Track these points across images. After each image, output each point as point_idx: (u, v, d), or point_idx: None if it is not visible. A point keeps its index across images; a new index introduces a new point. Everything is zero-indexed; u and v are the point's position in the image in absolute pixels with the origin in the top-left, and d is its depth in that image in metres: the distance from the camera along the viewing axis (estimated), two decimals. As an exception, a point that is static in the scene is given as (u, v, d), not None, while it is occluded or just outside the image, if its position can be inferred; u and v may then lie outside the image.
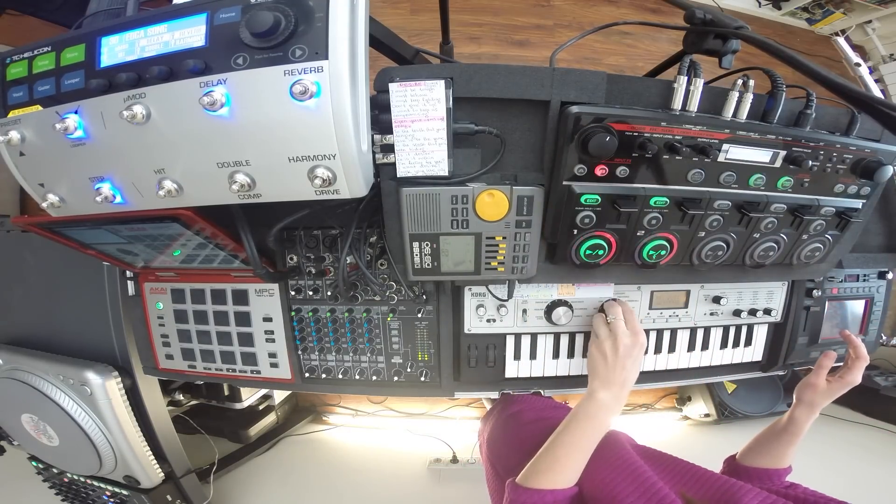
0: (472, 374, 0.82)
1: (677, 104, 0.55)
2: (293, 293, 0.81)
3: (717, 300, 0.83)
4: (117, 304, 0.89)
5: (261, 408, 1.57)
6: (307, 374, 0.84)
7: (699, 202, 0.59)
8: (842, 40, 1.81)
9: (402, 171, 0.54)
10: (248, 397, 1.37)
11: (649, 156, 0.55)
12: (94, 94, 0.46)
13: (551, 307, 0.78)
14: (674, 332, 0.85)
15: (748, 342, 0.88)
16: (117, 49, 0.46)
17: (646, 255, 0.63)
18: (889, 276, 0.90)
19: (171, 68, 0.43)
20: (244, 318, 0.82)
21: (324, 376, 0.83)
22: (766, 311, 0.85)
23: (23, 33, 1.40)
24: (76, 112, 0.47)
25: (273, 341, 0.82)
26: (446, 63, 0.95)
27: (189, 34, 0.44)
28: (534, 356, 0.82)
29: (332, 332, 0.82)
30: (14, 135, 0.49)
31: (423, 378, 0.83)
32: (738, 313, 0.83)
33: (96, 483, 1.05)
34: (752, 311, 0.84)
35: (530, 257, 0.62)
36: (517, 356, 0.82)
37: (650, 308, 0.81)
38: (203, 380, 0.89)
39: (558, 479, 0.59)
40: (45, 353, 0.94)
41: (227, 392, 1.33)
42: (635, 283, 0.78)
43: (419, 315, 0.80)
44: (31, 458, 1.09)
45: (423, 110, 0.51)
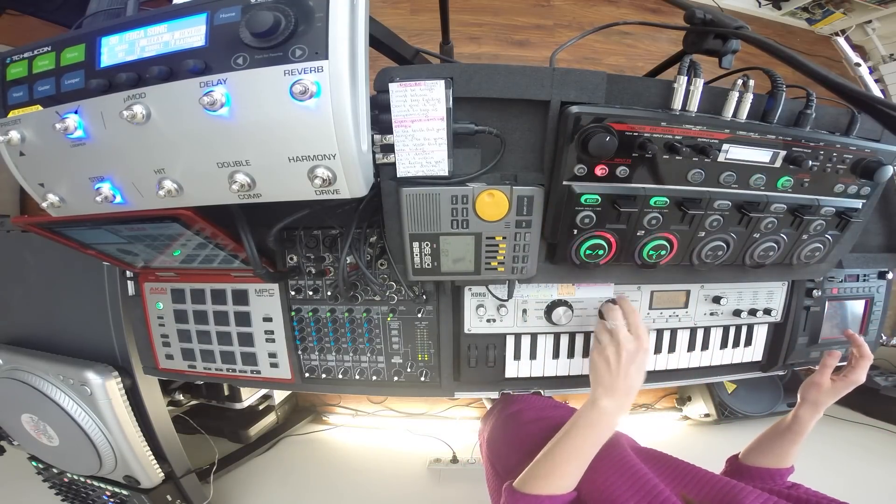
0: (472, 374, 0.82)
1: (677, 104, 0.55)
2: (293, 293, 0.81)
3: (717, 300, 0.83)
4: (117, 304, 0.89)
5: (261, 408, 1.57)
6: (307, 374, 0.84)
7: (699, 202, 0.59)
8: (842, 40, 1.81)
9: (402, 171, 0.54)
10: (248, 397, 1.37)
11: (649, 156, 0.55)
12: (94, 93, 0.46)
13: (551, 307, 0.78)
14: (674, 332, 0.85)
15: (748, 342, 0.88)
16: (117, 49, 0.46)
17: (646, 255, 0.63)
18: (889, 276, 0.90)
19: (171, 68, 0.43)
20: (244, 318, 0.82)
21: (324, 376, 0.83)
22: (766, 311, 0.85)
23: (23, 33, 1.40)
24: (76, 112, 0.47)
25: (273, 341, 0.82)
26: (446, 63, 0.95)
27: (189, 34, 0.44)
28: (534, 356, 0.82)
29: (332, 332, 0.82)
30: (14, 135, 0.49)
31: (423, 378, 0.83)
32: (738, 313, 0.84)
33: (96, 483, 1.05)
34: (752, 311, 0.84)
35: (530, 257, 0.62)
36: (517, 356, 0.82)
37: (650, 308, 0.81)
38: (203, 380, 0.89)
39: (556, 486, 0.58)
40: (45, 353, 0.94)
41: (227, 392, 1.33)
42: (635, 283, 0.79)
43: (419, 315, 0.80)
44: (31, 458, 1.09)
45: (423, 110, 0.51)
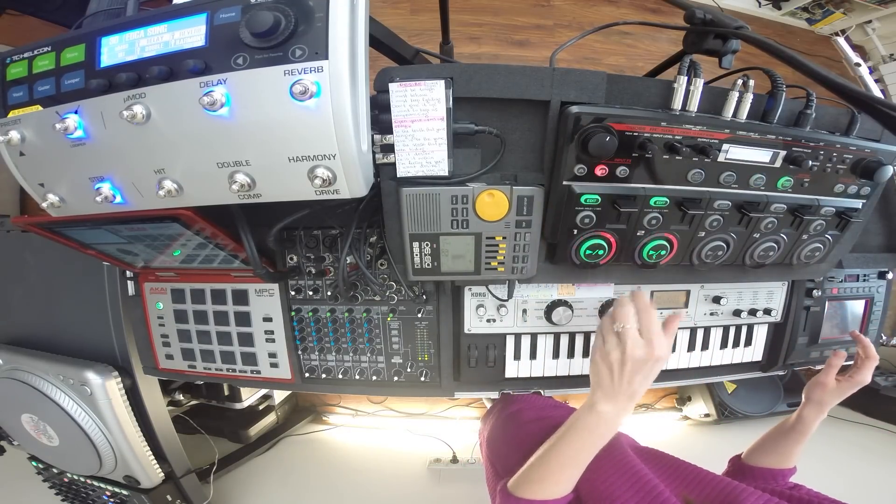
0: (472, 374, 0.82)
1: (677, 104, 0.55)
2: (293, 293, 0.81)
3: (717, 300, 0.83)
4: (117, 304, 0.89)
5: (261, 408, 1.57)
6: (307, 374, 0.84)
7: (699, 202, 0.59)
8: (842, 40, 1.81)
9: (402, 171, 0.54)
10: (248, 397, 1.37)
11: (649, 156, 0.55)
12: (94, 94, 0.46)
13: (551, 307, 0.78)
14: (674, 332, 0.85)
15: (748, 342, 0.88)
16: (117, 49, 0.46)
17: (646, 255, 0.63)
18: (889, 276, 0.90)
19: (171, 68, 0.43)
20: (244, 318, 0.82)
21: (324, 376, 0.83)
22: (766, 311, 0.85)
23: (23, 33, 1.40)
24: (76, 112, 0.47)
25: (273, 341, 0.82)
26: (446, 63, 0.95)
27: (189, 34, 0.44)
28: (534, 356, 0.82)
29: (332, 332, 0.82)
30: (14, 135, 0.49)
31: (423, 378, 0.83)
32: (738, 313, 0.84)
33: (96, 483, 1.05)
34: (752, 311, 0.84)
35: (530, 257, 0.62)
36: (517, 356, 0.82)
37: (650, 308, 0.81)
38: (203, 380, 0.89)
39: (551, 491, 0.56)
40: (45, 353, 0.94)
41: (227, 392, 1.33)
42: (635, 284, 0.79)
43: (419, 315, 0.80)
44: (31, 458, 1.09)
45: (423, 110, 0.51)
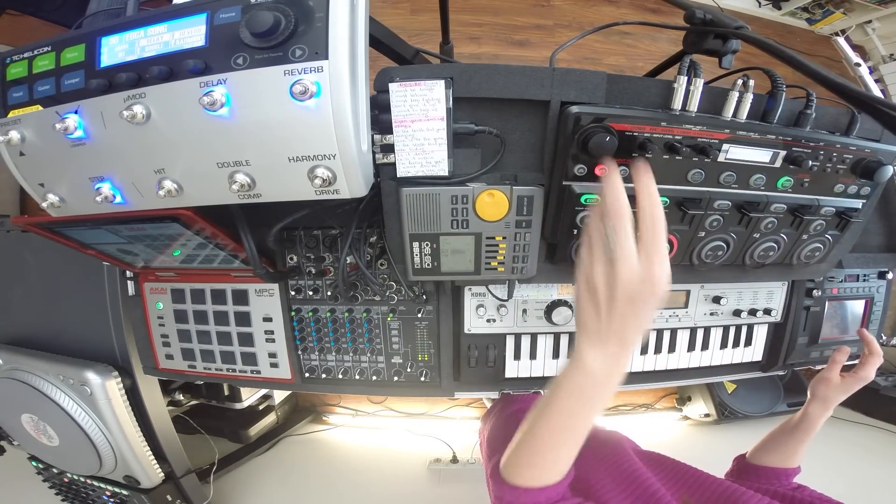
0: (472, 374, 0.82)
1: (677, 104, 0.55)
2: (293, 293, 0.81)
3: (717, 300, 0.83)
4: (117, 304, 0.89)
5: (261, 408, 1.57)
6: (307, 374, 0.84)
7: (699, 202, 0.59)
8: (842, 40, 1.81)
9: (402, 171, 0.54)
10: (248, 397, 1.37)
11: (649, 156, 0.55)
12: (94, 93, 0.46)
13: (551, 307, 0.78)
14: (674, 332, 0.85)
15: (748, 342, 0.88)
16: (117, 49, 0.46)
17: (646, 255, 0.63)
18: (889, 276, 0.90)
19: (171, 68, 0.43)
20: (244, 318, 0.82)
21: (324, 376, 0.83)
22: (766, 311, 0.85)
23: (23, 33, 1.40)
24: (76, 112, 0.47)
25: (273, 341, 0.82)
26: (446, 63, 0.95)
27: (189, 34, 0.44)
28: (534, 356, 0.82)
29: (332, 332, 0.82)
30: (14, 135, 0.49)
31: (423, 378, 0.83)
32: (738, 313, 0.84)
33: (96, 483, 1.05)
34: (752, 311, 0.84)
35: (530, 257, 0.62)
36: (517, 356, 0.82)
37: (650, 308, 0.81)
38: (203, 380, 0.89)
39: (546, 476, 0.48)
40: (45, 353, 0.94)
41: (227, 392, 1.33)
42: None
43: (419, 315, 0.80)
44: (31, 458, 1.09)
45: (423, 110, 0.51)
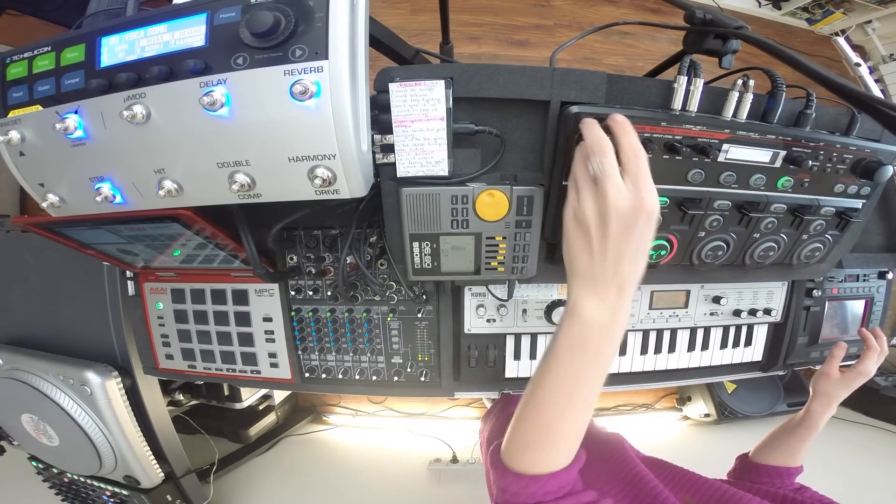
0: (472, 374, 0.82)
1: (677, 104, 0.55)
2: (293, 293, 0.81)
3: (717, 300, 0.83)
4: (117, 304, 0.89)
5: (261, 408, 1.57)
6: (307, 374, 0.84)
7: (699, 202, 0.59)
8: (842, 40, 1.81)
9: (402, 171, 0.54)
10: (248, 397, 1.37)
11: (649, 156, 0.55)
12: (94, 94, 0.46)
13: (551, 307, 0.78)
14: (674, 332, 0.85)
15: (748, 342, 0.88)
16: (117, 49, 0.46)
17: (646, 255, 0.63)
18: (889, 276, 0.90)
19: (171, 68, 0.43)
20: (244, 318, 0.82)
21: (324, 376, 0.83)
22: (766, 311, 0.85)
23: (23, 33, 1.40)
24: (76, 112, 0.47)
25: (273, 341, 0.82)
26: (446, 63, 0.95)
27: (189, 34, 0.44)
28: (534, 356, 0.82)
29: (332, 332, 0.82)
30: (14, 135, 0.49)
31: (423, 378, 0.83)
32: (738, 313, 0.84)
33: (96, 483, 1.05)
34: (752, 311, 0.84)
35: (530, 257, 0.62)
36: (517, 356, 0.82)
37: (650, 308, 0.81)
38: (203, 380, 0.89)
39: (553, 458, 0.42)
40: (45, 353, 0.94)
41: (227, 392, 1.33)
42: (635, 283, 0.78)
43: (419, 315, 0.80)
44: (31, 458, 1.09)
45: (423, 110, 0.51)
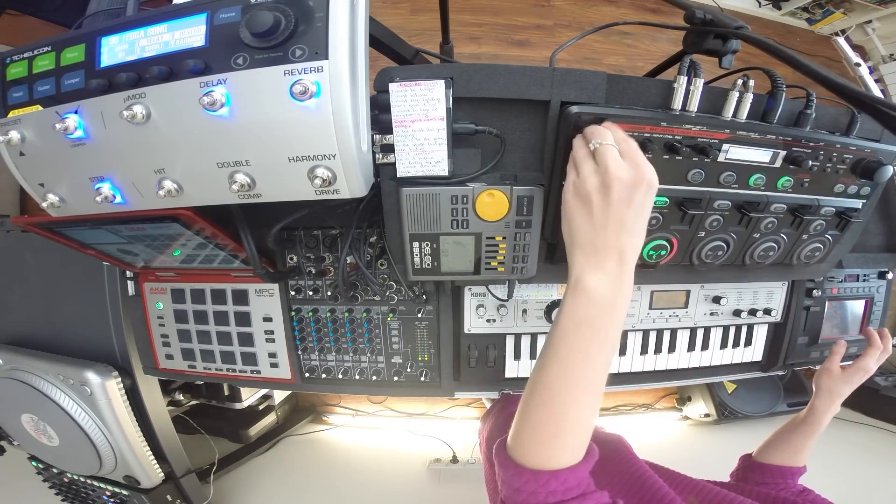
0: (472, 374, 0.82)
1: (677, 104, 0.55)
2: (293, 293, 0.81)
3: (717, 300, 0.83)
4: (117, 304, 0.89)
5: (261, 408, 1.57)
6: (307, 374, 0.84)
7: (699, 202, 0.59)
8: (842, 40, 1.80)
9: (402, 171, 0.54)
10: (248, 397, 1.37)
11: (649, 156, 0.55)
12: (94, 94, 0.46)
13: (551, 307, 0.78)
14: (674, 332, 0.85)
15: (748, 342, 0.88)
16: (117, 49, 0.46)
17: (646, 255, 0.63)
18: (889, 276, 0.90)
19: (171, 68, 0.43)
20: (244, 318, 0.82)
21: (324, 376, 0.83)
22: (766, 311, 0.85)
23: (23, 33, 1.40)
24: (76, 112, 0.47)
25: (273, 341, 0.82)
26: (446, 63, 0.95)
27: (189, 34, 0.44)
28: (534, 356, 0.82)
29: (332, 332, 0.82)
30: (14, 135, 0.49)
31: (423, 378, 0.83)
32: (738, 313, 0.84)
33: (96, 483, 1.05)
34: (752, 311, 0.84)
35: (530, 257, 0.62)
36: (517, 356, 0.82)
37: (650, 308, 0.81)
38: (203, 380, 0.89)
39: (568, 450, 0.41)
40: (45, 353, 0.94)
41: (227, 392, 1.33)
42: (635, 283, 0.77)
43: (419, 315, 0.80)
44: (31, 458, 1.09)
45: (423, 110, 0.51)
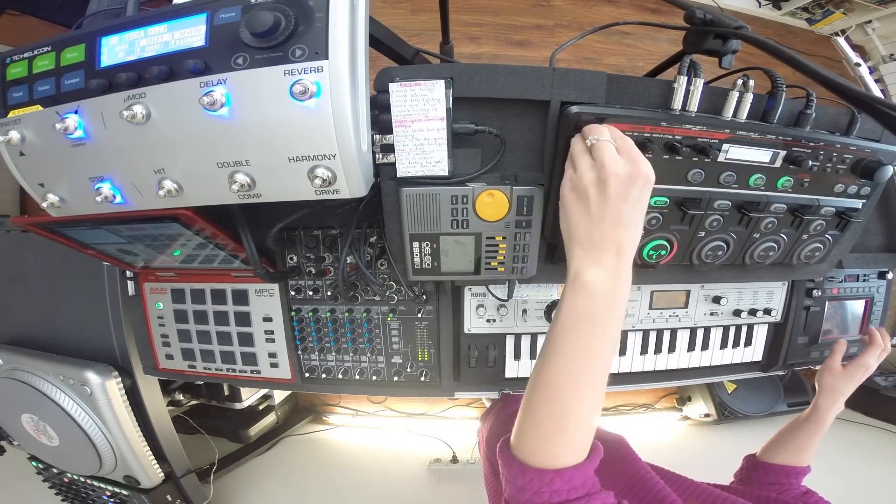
0: (472, 374, 0.82)
1: (677, 104, 0.55)
2: (293, 293, 0.80)
3: (717, 300, 0.83)
4: (117, 304, 0.89)
5: (261, 408, 1.57)
6: (307, 374, 0.84)
7: (699, 202, 0.59)
8: (842, 40, 1.80)
9: (402, 171, 0.54)
10: (248, 397, 1.37)
11: (649, 156, 0.55)
12: (94, 93, 0.46)
13: (551, 307, 0.78)
14: (674, 332, 0.85)
15: (748, 342, 0.88)
16: (117, 49, 0.46)
17: (646, 255, 0.63)
18: (889, 276, 0.90)
19: (171, 68, 0.43)
20: (244, 318, 0.82)
21: (324, 376, 0.83)
22: (766, 311, 0.85)
23: (23, 33, 1.40)
24: (76, 112, 0.47)
25: (273, 341, 0.82)
26: (446, 63, 0.95)
27: (189, 34, 0.44)
28: (534, 356, 0.82)
29: (332, 332, 0.82)
30: (14, 135, 0.49)
31: (423, 378, 0.83)
32: (738, 313, 0.84)
33: (96, 483, 1.05)
34: (752, 311, 0.84)
35: (530, 257, 0.62)
36: (517, 356, 0.82)
37: (650, 308, 0.81)
38: (203, 380, 0.89)
39: (574, 446, 0.41)
40: (45, 353, 0.94)
41: (227, 392, 1.33)
42: (635, 283, 0.77)
43: (419, 315, 0.80)
44: (31, 458, 1.09)
45: (423, 110, 0.51)
